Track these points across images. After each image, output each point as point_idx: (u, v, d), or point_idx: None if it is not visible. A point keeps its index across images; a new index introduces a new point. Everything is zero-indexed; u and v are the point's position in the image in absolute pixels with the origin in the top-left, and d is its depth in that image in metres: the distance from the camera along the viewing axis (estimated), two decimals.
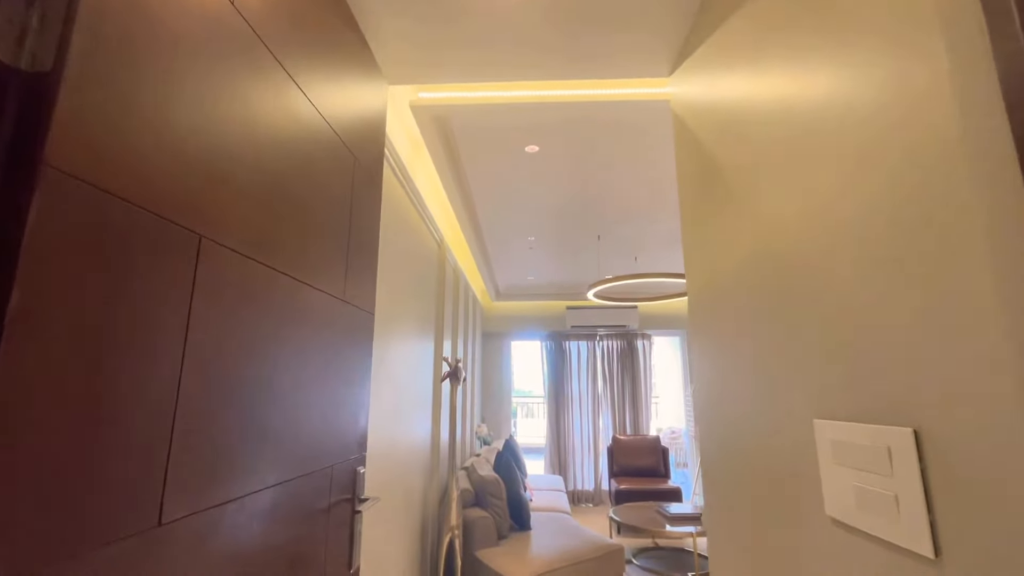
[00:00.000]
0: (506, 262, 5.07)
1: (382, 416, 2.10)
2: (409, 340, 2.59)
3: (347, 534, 1.27)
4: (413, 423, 2.68)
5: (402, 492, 2.43)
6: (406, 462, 2.52)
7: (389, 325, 2.19)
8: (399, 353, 2.40)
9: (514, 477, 3.41)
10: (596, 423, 6.25)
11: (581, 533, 3.23)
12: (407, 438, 2.54)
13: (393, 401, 2.29)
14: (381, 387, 2.07)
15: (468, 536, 2.97)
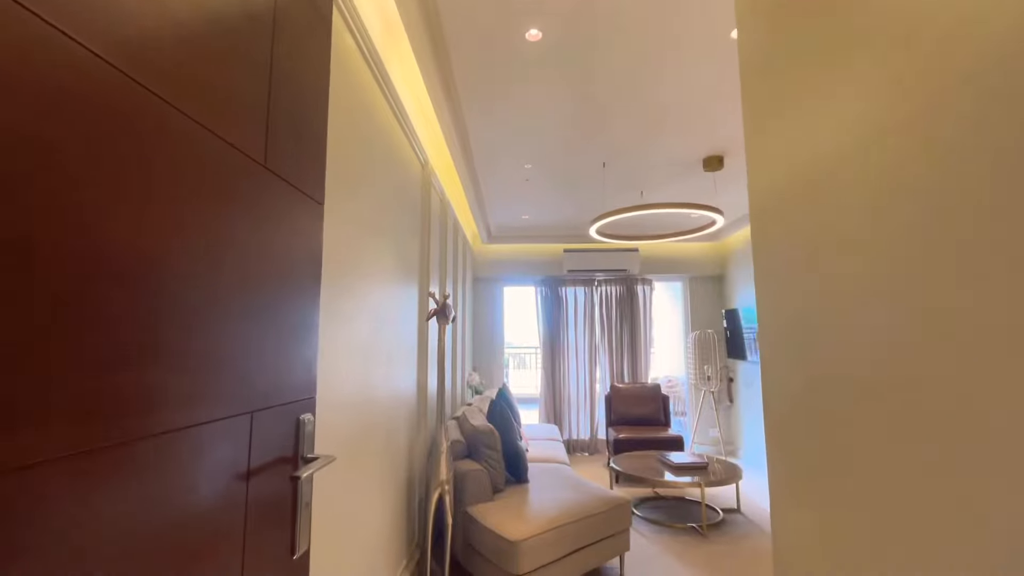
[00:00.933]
0: (499, 197, 4.59)
1: (356, 356, 1.71)
2: (389, 269, 2.17)
3: (286, 507, 0.89)
4: (396, 367, 2.30)
5: (383, 444, 2.08)
6: (388, 411, 2.16)
7: (363, 246, 1.76)
8: (378, 284, 1.98)
9: (510, 426, 3.10)
10: (592, 372, 5.99)
11: (583, 485, 2.95)
12: (389, 384, 2.17)
13: (370, 339, 1.89)
14: (355, 321, 1.67)
15: (460, 491, 2.67)
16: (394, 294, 2.31)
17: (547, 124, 3.03)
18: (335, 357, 1.56)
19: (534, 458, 3.86)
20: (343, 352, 1.63)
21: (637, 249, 5.88)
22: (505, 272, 6.14)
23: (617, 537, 2.74)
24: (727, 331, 5.73)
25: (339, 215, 1.59)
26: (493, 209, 5.04)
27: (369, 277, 1.92)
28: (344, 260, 1.64)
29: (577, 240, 6.05)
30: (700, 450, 5.91)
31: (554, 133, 3.15)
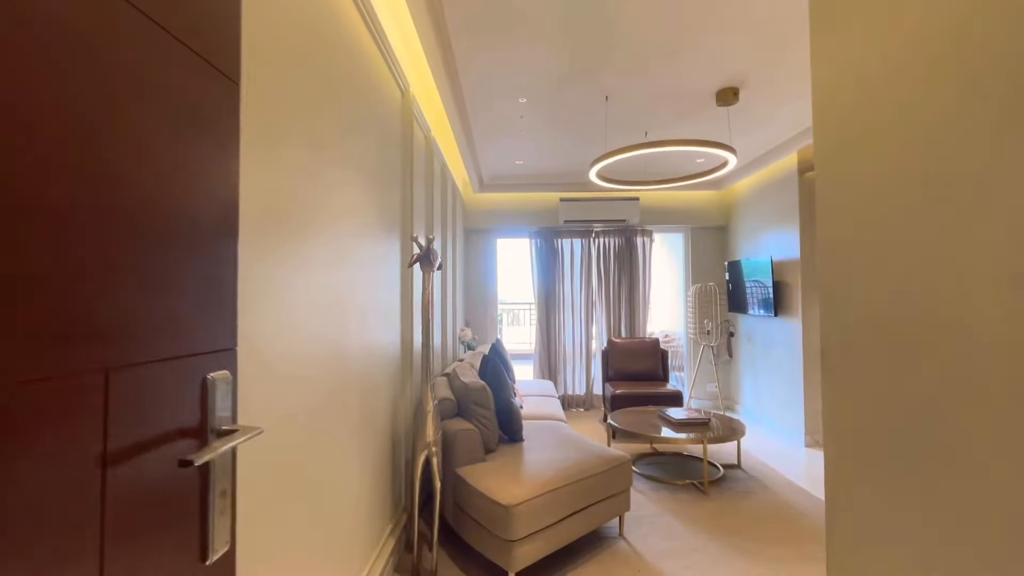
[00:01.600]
0: (491, 139, 4.22)
1: (321, 308, 1.44)
2: (362, 211, 1.87)
3: (188, 499, 0.63)
4: (374, 320, 2.04)
5: (358, 404, 1.84)
6: (365, 368, 1.92)
7: (327, 181, 1.46)
8: (349, 226, 1.69)
9: (503, 383, 2.89)
10: (589, 327, 5.79)
11: (581, 443, 2.78)
12: (366, 339, 1.92)
13: (340, 289, 1.62)
14: (319, 268, 1.38)
15: (449, 452, 2.48)
16: (371, 240, 2.02)
17: (545, 48, 2.65)
18: (292, 308, 1.30)
19: (529, 415, 3.69)
20: (303, 303, 1.36)
21: (637, 198, 5.56)
22: (498, 223, 5.82)
23: (617, 497, 2.59)
24: (729, 284, 5.51)
25: (288, 136, 1.28)
26: (485, 154, 4.67)
27: (337, 219, 1.63)
28: (299, 195, 1.34)
29: (574, 189, 5.71)
30: (697, 405, 5.82)
31: (553, 59, 2.78)
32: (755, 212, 5.15)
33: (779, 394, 4.70)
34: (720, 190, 5.75)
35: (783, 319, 4.62)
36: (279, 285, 1.23)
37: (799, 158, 4.36)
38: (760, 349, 5.08)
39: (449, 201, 4.38)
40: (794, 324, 4.45)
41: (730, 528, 2.76)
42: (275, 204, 1.20)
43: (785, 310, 4.58)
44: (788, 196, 4.53)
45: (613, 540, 2.63)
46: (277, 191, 1.21)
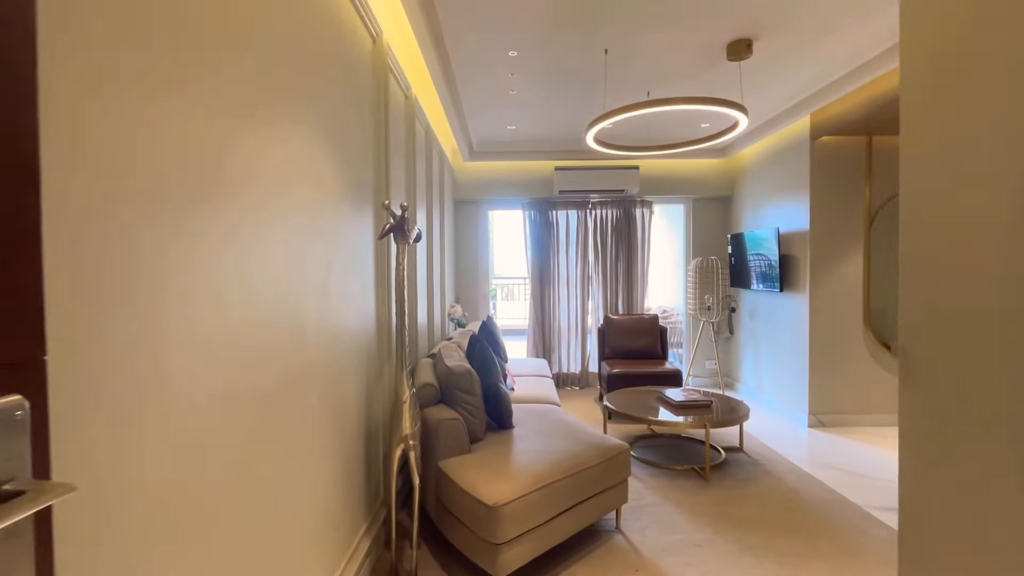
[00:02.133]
0: (480, 100, 3.88)
1: (269, 288, 1.18)
2: (319, 170, 1.58)
3: None
4: (340, 300, 1.78)
5: (321, 395, 1.60)
6: (330, 354, 1.67)
7: (264, 129, 1.17)
8: (304, 192, 1.40)
9: (491, 367, 2.66)
10: (584, 302, 5.56)
11: (576, 431, 2.57)
12: (330, 320, 1.66)
13: (294, 266, 1.35)
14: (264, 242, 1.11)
15: (431, 444, 2.26)
16: (333, 209, 1.74)
17: None
18: (228, 291, 1.03)
19: (520, 398, 3.48)
20: (245, 283, 1.09)
21: (637, 167, 5.25)
22: (490, 194, 5.51)
23: (615, 489, 2.39)
24: (731, 257, 5.26)
25: (215, 77, 0.99)
26: (474, 117, 4.33)
27: (286, 184, 1.35)
28: (230, 153, 1.06)
29: (571, 157, 5.38)
30: (696, 383, 5.65)
31: (546, 1, 2.45)
32: (762, 181, 4.86)
33: (782, 373, 4.52)
34: (725, 158, 5.43)
35: (789, 294, 4.39)
36: (214, 263, 0.97)
37: (812, 122, 4.05)
38: (762, 326, 4.87)
39: (436, 169, 4.07)
40: (801, 300, 4.22)
41: (734, 519, 2.58)
42: (192, 162, 0.92)
43: (792, 285, 4.35)
44: (798, 163, 4.24)
45: (609, 534, 2.44)
46: (194, 145, 0.93)
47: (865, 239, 4.09)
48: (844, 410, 4.13)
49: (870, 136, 4.06)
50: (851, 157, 4.08)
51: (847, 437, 3.87)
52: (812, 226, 4.11)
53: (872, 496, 2.85)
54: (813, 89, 3.70)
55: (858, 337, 4.11)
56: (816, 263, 4.11)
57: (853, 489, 2.95)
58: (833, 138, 4.07)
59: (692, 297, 5.49)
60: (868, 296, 4.10)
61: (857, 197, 4.09)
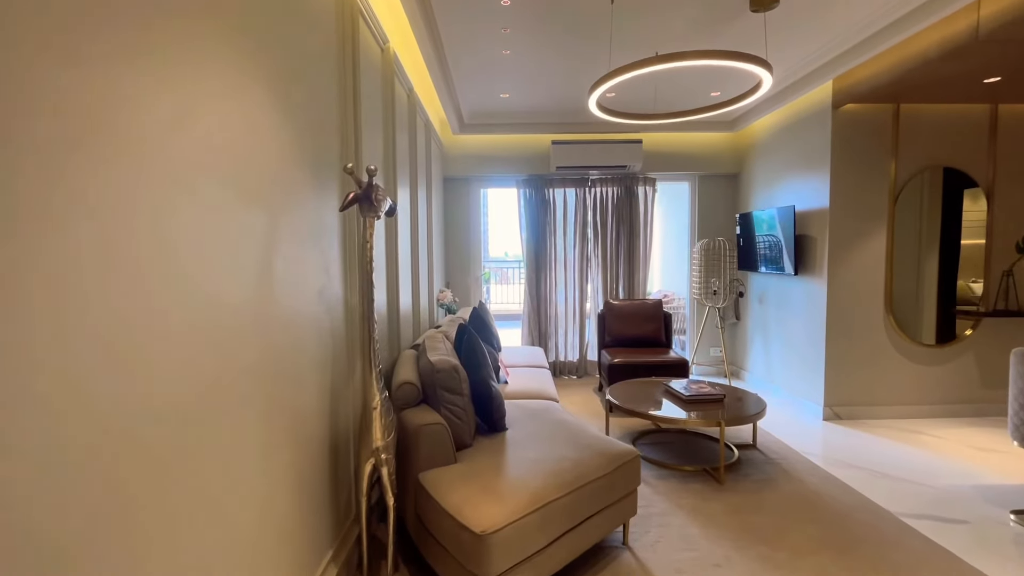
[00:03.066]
0: (470, 64, 3.48)
1: (199, 269, 0.83)
2: (257, 127, 1.22)
3: None
4: (293, 278, 1.43)
5: (264, 403, 1.27)
6: (275, 353, 1.33)
7: (169, 75, 0.80)
8: (225, 152, 1.05)
9: (480, 361, 2.33)
10: (583, 287, 5.23)
11: (578, 433, 2.25)
12: (272, 311, 1.32)
13: (232, 242, 1.01)
14: (178, 210, 0.76)
15: (410, 453, 1.94)
16: (274, 176, 1.39)
17: None
18: (136, 270, 0.69)
19: (515, 393, 3.16)
20: (164, 263, 0.75)
21: (640, 140, 4.88)
22: (481, 170, 5.12)
23: (623, 502, 2.09)
24: (740, 239, 4.93)
25: None
26: (464, 83, 3.93)
27: (202, 141, 0.99)
28: (120, 104, 0.70)
29: (568, 129, 4.99)
30: (700, 371, 5.36)
31: None
32: (775, 156, 4.51)
33: (794, 361, 4.23)
34: (733, 132, 5.06)
35: (804, 278, 4.07)
36: (118, 234, 0.62)
37: (834, 88, 3.69)
38: (773, 311, 4.56)
39: (421, 140, 3.68)
40: (817, 283, 3.91)
41: (755, 531, 2.29)
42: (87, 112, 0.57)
43: (807, 267, 4.03)
44: (818, 135, 3.88)
45: (616, 551, 2.15)
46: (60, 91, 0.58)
47: (889, 217, 3.77)
48: (861, 402, 3.85)
49: (897, 104, 3.71)
50: (876, 127, 3.73)
51: (866, 431, 3.59)
52: (832, 204, 3.77)
53: (903, 501, 2.57)
54: (839, 49, 3.33)
55: (878, 323, 3.82)
56: (836, 244, 3.79)
57: (881, 492, 2.67)
58: (857, 106, 3.71)
59: (697, 281, 5.17)
60: (891, 279, 3.79)
61: (881, 171, 3.76)
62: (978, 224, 3.79)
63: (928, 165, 3.74)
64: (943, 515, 2.43)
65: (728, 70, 3.66)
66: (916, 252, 3.81)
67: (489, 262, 11.49)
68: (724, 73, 3.71)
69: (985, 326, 3.83)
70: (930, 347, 3.83)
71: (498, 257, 12.16)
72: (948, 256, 3.79)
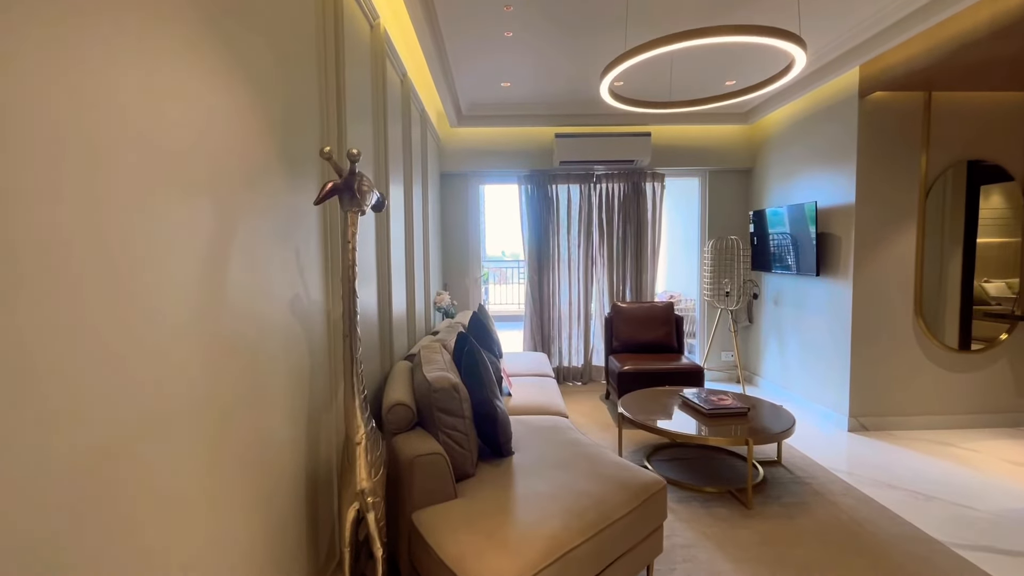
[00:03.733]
0: (468, 48, 3.20)
1: (127, 278, 0.55)
2: (201, 94, 0.94)
3: None
4: (259, 281, 1.16)
5: (213, 430, 0.99)
6: (236, 367, 1.05)
7: None
8: (164, 138, 0.76)
9: (483, 377, 2.05)
10: (588, 288, 4.96)
11: (593, 459, 1.98)
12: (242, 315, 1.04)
13: (152, 220, 0.72)
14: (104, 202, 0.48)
15: (403, 487, 1.66)
16: (246, 164, 1.11)
17: None
18: None
19: (520, 407, 2.89)
20: (56, 274, 0.48)
21: (649, 134, 4.60)
22: (481, 165, 4.84)
23: (648, 540, 1.81)
24: (753, 237, 4.67)
25: None
26: (461, 70, 3.65)
27: (136, 123, 0.72)
28: None
29: (573, 121, 4.72)
30: (711, 377, 5.10)
31: None
32: (792, 150, 4.25)
33: (814, 367, 3.97)
34: (747, 124, 4.80)
35: (826, 279, 3.81)
36: None
37: (861, 75, 3.43)
38: (790, 313, 4.31)
39: (417, 132, 3.40)
40: (841, 285, 3.65)
41: (795, 566, 2.03)
42: None
43: (830, 268, 3.77)
44: (841, 126, 3.62)
45: None
46: None
47: (919, 214, 3.51)
48: (888, 411, 3.59)
49: (929, 92, 3.45)
50: (906, 117, 3.48)
51: (895, 444, 3.34)
52: (859, 199, 3.51)
53: (953, 528, 2.31)
54: (869, 32, 3.06)
55: (907, 327, 3.56)
56: (862, 242, 3.53)
57: (926, 518, 2.41)
58: (886, 94, 3.45)
59: (708, 282, 4.91)
60: (921, 280, 3.53)
61: (910, 164, 3.50)
62: (994, 222, 3.53)
63: (961, 158, 3.49)
64: (1000, 545, 2.18)
65: (747, 55, 3.40)
66: (946, 251, 3.55)
67: (487, 261, 11.21)
68: (742, 59, 3.45)
69: (1021, 330, 3.58)
70: (962, 353, 3.57)
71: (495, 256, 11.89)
72: (971, 256, 3.53)
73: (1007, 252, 3.54)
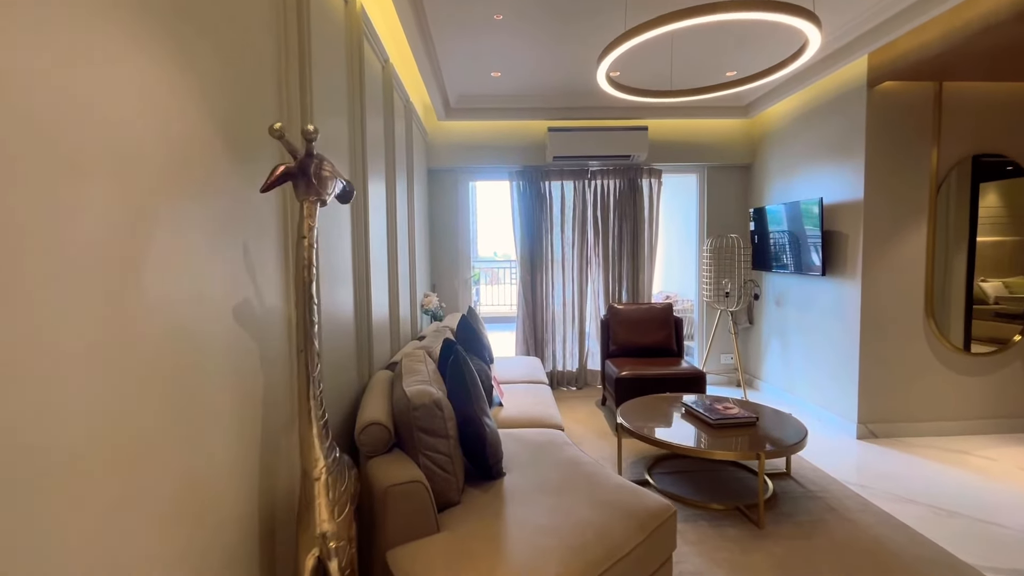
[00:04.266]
0: (456, 32, 2.99)
1: None
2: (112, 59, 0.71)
3: None
4: (192, 282, 0.93)
5: (122, 482, 0.76)
6: (152, 393, 0.82)
7: None
8: None
9: (470, 391, 1.83)
10: (583, 289, 4.75)
11: (594, 481, 1.78)
12: (164, 323, 0.81)
13: None
14: None
15: (377, 521, 1.44)
16: (176, 145, 0.89)
17: None
18: None
19: (512, 420, 2.68)
20: None
21: (645, 127, 4.41)
22: (470, 160, 4.62)
23: (656, 575, 1.61)
24: (754, 236, 4.49)
25: None
26: (449, 58, 3.43)
27: None
28: None
29: (567, 115, 4.51)
30: (710, 380, 4.91)
31: None
32: (794, 144, 4.07)
33: (820, 371, 3.80)
34: (748, 118, 4.62)
35: (833, 279, 3.64)
36: None
37: (870, 64, 3.25)
38: (793, 314, 4.13)
39: (400, 124, 3.18)
40: (849, 285, 3.48)
41: None
42: None
43: (837, 267, 3.60)
44: (848, 118, 3.45)
45: None
46: None
47: (930, 211, 3.35)
48: (899, 417, 3.42)
49: (940, 82, 3.29)
50: (915, 109, 3.31)
51: (908, 452, 3.16)
52: (868, 195, 3.34)
53: (982, 548, 2.13)
54: (880, 18, 2.88)
55: (918, 329, 3.40)
56: (871, 240, 3.36)
57: (951, 537, 2.23)
58: (895, 85, 3.28)
59: (708, 282, 4.72)
60: (931, 280, 3.37)
61: (921, 158, 3.33)
62: (989, 220, 3.36)
63: (972, 152, 3.33)
64: None
65: (750, 43, 3.21)
66: (955, 250, 3.39)
67: (478, 262, 10.99)
68: (744, 48, 3.26)
69: None
70: (975, 355, 3.41)
71: (487, 257, 11.67)
72: (974, 254, 3.37)
73: (1001, 251, 3.39)
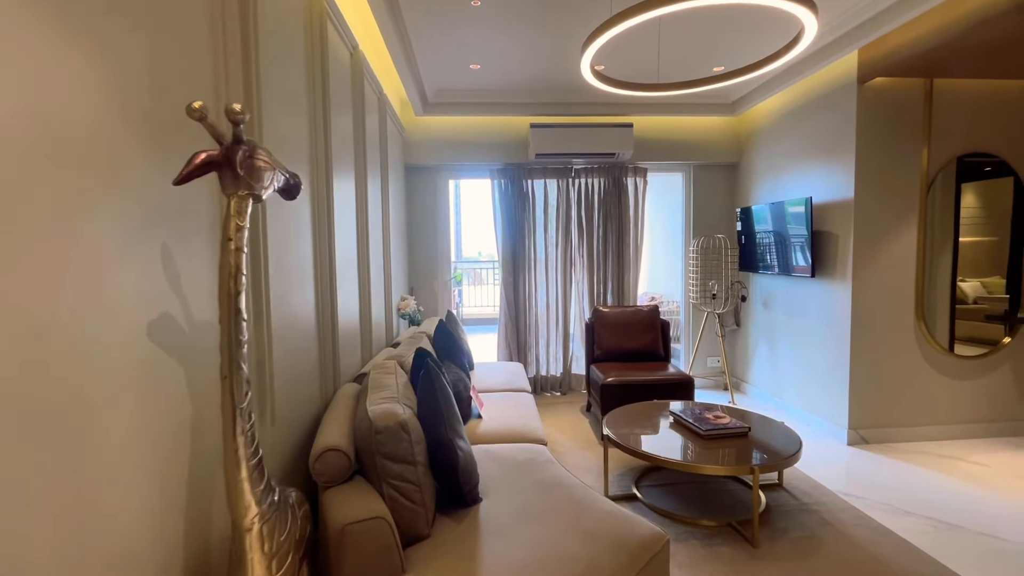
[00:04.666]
0: (432, 18, 2.80)
1: None
2: None
3: None
4: (94, 294, 0.73)
5: None
6: (44, 446, 0.61)
7: None
8: None
9: (443, 412, 1.65)
10: (567, 291, 4.60)
11: (581, 507, 1.62)
12: (57, 348, 0.60)
13: None
14: None
15: (332, 563, 1.25)
16: (74, 131, 0.69)
17: None
18: None
19: (491, 434, 2.50)
20: None
21: (631, 124, 4.27)
22: (450, 157, 4.43)
23: None
24: (741, 236, 4.39)
25: None
26: (425, 48, 3.24)
27: None
28: None
29: (550, 110, 4.35)
30: (697, 385, 4.81)
31: None
32: (782, 142, 3.98)
33: (809, 375, 3.70)
34: (734, 115, 4.52)
35: (822, 280, 3.54)
36: None
37: (860, 59, 3.16)
38: (781, 317, 4.04)
39: (372, 116, 2.98)
40: (839, 287, 3.38)
41: None
42: None
43: (826, 268, 3.50)
44: (838, 115, 3.35)
45: None
46: None
47: (920, 211, 3.27)
48: (890, 422, 3.34)
49: (931, 79, 3.21)
50: (906, 106, 3.23)
51: (900, 459, 3.07)
52: (858, 195, 3.24)
53: (988, 566, 2.03)
54: (871, 12, 2.78)
55: (908, 332, 3.32)
56: (861, 241, 3.26)
57: (955, 553, 2.12)
58: (887, 81, 3.19)
59: (694, 284, 4.61)
60: (922, 281, 3.29)
61: (912, 157, 3.25)
62: (969, 220, 3.30)
63: (963, 150, 3.26)
64: None
65: (739, 36, 3.09)
66: (944, 251, 3.32)
67: (462, 263, 10.79)
68: (733, 42, 3.14)
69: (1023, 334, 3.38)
70: (965, 358, 3.35)
71: (472, 257, 11.47)
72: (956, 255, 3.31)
73: (978, 252, 3.33)
